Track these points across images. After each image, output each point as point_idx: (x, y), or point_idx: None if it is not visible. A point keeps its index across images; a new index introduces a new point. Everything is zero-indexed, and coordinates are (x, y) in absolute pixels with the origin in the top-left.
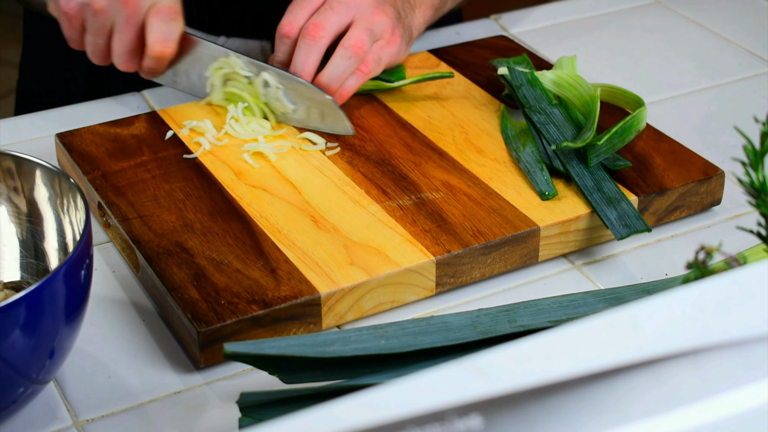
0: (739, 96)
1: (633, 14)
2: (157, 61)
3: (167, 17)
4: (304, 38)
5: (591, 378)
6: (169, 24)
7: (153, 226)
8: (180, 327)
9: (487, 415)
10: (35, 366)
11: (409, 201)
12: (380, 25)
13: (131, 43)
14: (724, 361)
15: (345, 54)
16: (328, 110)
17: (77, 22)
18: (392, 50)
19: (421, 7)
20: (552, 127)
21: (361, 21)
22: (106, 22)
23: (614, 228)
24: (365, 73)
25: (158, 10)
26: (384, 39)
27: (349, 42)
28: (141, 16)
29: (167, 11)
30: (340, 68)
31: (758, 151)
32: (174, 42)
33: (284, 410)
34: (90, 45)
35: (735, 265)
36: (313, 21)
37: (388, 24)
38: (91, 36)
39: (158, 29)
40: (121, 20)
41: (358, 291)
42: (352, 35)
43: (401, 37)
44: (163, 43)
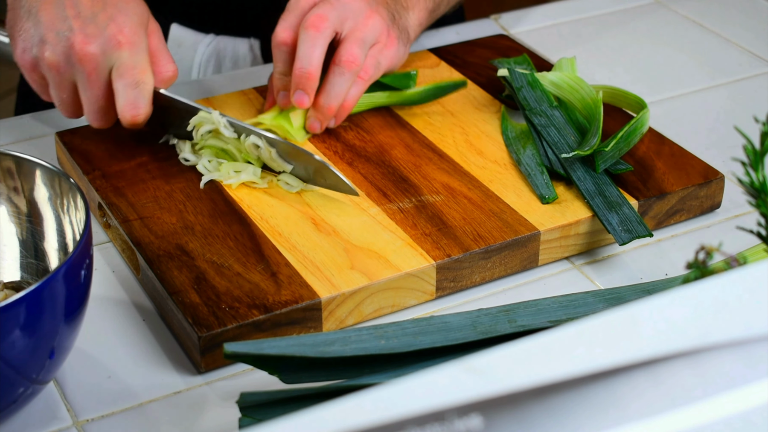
0: (740, 96)
1: (633, 14)
2: (132, 125)
3: (132, 81)
4: (307, 30)
5: (591, 378)
6: (135, 88)
7: (153, 227)
8: (180, 330)
9: (487, 415)
10: (35, 366)
11: (409, 204)
12: (374, 29)
13: (99, 100)
14: (724, 361)
15: (339, 71)
16: (326, 172)
17: (36, 76)
18: (390, 52)
19: (415, 9)
20: (553, 129)
21: (353, 31)
22: (63, 77)
23: (616, 233)
24: (365, 79)
25: (121, 73)
26: (380, 42)
27: (341, 58)
28: (104, 73)
29: (131, 74)
30: (337, 86)
31: (758, 151)
32: (144, 107)
33: (284, 410)
34: (56, 99)
35: (735, 265)
36: (313, 13)
37: (382, 26)
38: (54, 91)
39: (125, 95)
40: (82, 78)
41: (359, 295)
42: (344, 51)
43: (398, 39)
44: (133, 111)
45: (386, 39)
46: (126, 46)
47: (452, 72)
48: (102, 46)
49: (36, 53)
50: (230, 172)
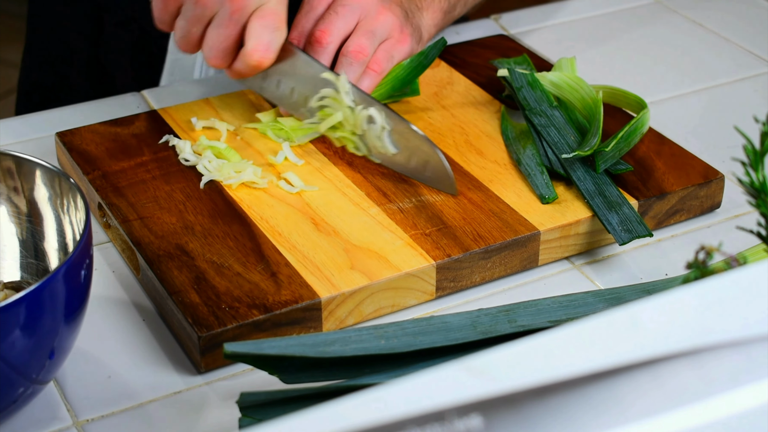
0: (739, 96)
1: (633, 14)
2: (252, 69)
3: (272, 25)
4: (311, 45)
5: (591, 378)
6: (272, 33)
7: (153, 227)
8: (180, 331)
9: (487, 415)
10: (35, 366)
11: (409, 204)
12: (386, 24)
13: (228, 40)
14: (724, 361)
15: (346, 62)
16: (435, 165)
17: (173, 5)
18: (404, 48)
19: (429, 10)
20: (553, 129)
21: (363, 24)
22: (206, 11)
23: (616, 233)
24: (378, 72)
25: (263, 15)
26: (393, 38)
27: (348, 49)
28: (245, 15)
29: (273, 18)
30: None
31: (758, 151)
32: (274, 53)
33: (284, 410)
34: (181, 30)
35: (735, 265)
36: (319, 27)
37: (395, 22)
38: (184, 22)
39: (260, 36)
40: (223, 14)
41: (359, 295)
42: (352, 42)
43: (411, 36)
44: (264, 53)
45: (399, 35)
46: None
47: (452, 72)
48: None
49: None
50: (230, 172)
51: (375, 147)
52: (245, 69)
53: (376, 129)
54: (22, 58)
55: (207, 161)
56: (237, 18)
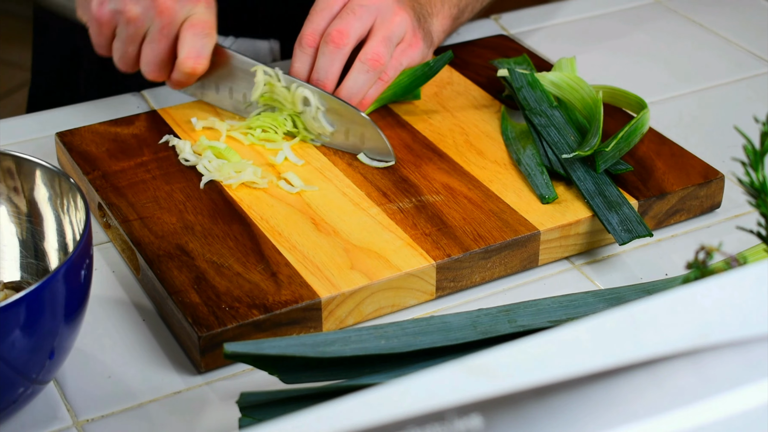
0: (740, 96)
1: (633, 14)
2: (188, 76)
3: (201, 32)
4: (327, 45)
5: (591, 378)
6: (203, 39)
7: (153, 227)
8: (180, 330)
9: (487, 415)
10: (35, 366)
11: (409, 204)
12: (401, 27)
13: (162, 53)
14: (724, 361)
15: (363, 68)
16: (371, 135)
17: (108, 29)
18: (414, 53)
19: (439, 16)
20: (553, 129)
21: (380, 29)
22: (138, 30)
23: (616, 233)
24: (385, 81)
25: (192, 24)
26: (405, 41)
27: (366, 56)
28: (175, 28)
29: (202, 26)
30: (359, 82)
31: (758, 151)
32: (206, 59)
33: (284, 410)
34: (118, 52)
35: (735, 265)
36: (336, 27)
37: (409, 25)
38: (120, 43)
39: (191, 44)
40: (154, 30)
41: (359, 295)
42: (370, 48)
43: (423, 40)
44: (196, 60)
45: (411, 38)
46: (203, 3)
47: (452, 72)
48: (181, 1)
49: (116, 6)
50: (230, 172)
51: (313, 128)
52: (182, 77)
53: (311, 110)
54: (32, 62)
55: (207, 161)
56: (167, 32)
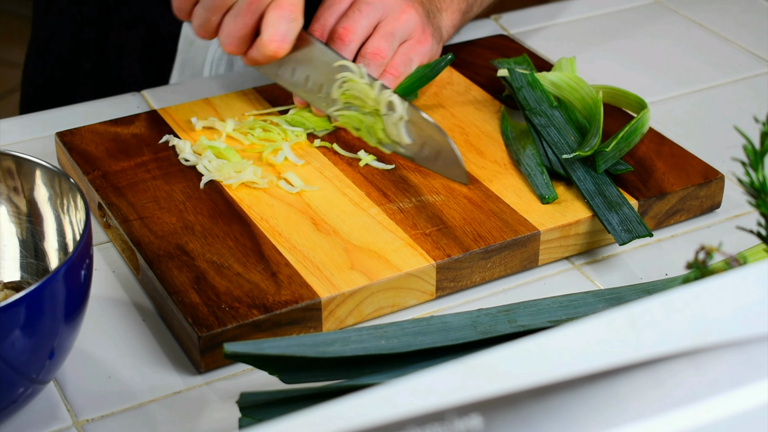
0: (740, 96)
1: (633, 14)
2: (267, 58)
3: (288, 15)
4: (334, 42)
5: (591, 378)
6: (289, 23)
7: (153, 227)
8: (180, 331)
9: (487, 415)
10: (35, 366)
11: (409, 204)
12: (408, 24)
13: (245, 28)
14: (724, 361)
15: (363, 63)
16: (446, 154)
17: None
18: (423, 49)
19: (448, 11)
20: (553, 129)
21: (384, 25)
22: (225, 1)
23: (616, 233)
24: (396, 75)
25: (280, 5)
26: (414, 38)
27: (366, 50)
28: (263, 5)
29: (289, 9)
30: None
31: (758, 151)
32: (290, 43)
33: (284, 410)
34: (200, 18)
35: (735, 265)
36: (342, 24)
37: (417, 22)
38: (203, 10)
39: (277, 26)
40: (242, 3)
41: (359, 295)
42: (370, 43)
43: (432, 36)
44: (279, 43)
45: (420, 35)
46: None
47: (452, 72)
48: None
49: None
50: (230, 172)
51: (390, 134)
52: (261, 58)
53: (394, 117)
54: (26, 59)
55: (207, 161)
56: (255, 8)
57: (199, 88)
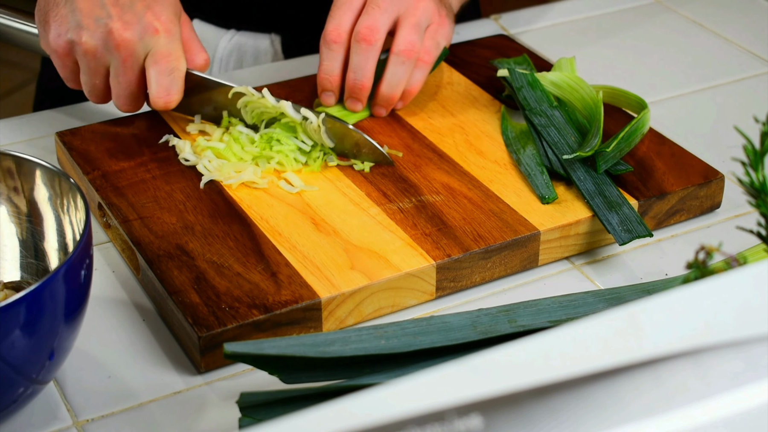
0: (740, 96)
1: (633, 14)
2: (163, 110)
3: (167, 68)
4: (359, 43)
5: (591, 378)
6: (170, 75)
7: (153, 227)
8: (180, 331)
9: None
10: (35, 366)
11: (409, 204)
12: (427, 11)
13: (130, 86)
14: (724, 361)
15: (398, 61)
16: (366, 146)
17: (69, 61)
18: (445, 31)
19: None
20: (553, 129)
21: (407, 17)
22: (99, 63)
23: (616, 233)
24: (429, 62)
25: (156, 60)
26: (435, 23)
27: (399, 48)
28: (138, 60)
29: (166, 61)
30: (398, 76)
31: (758, 151)
32: (178, 93)
33: (284, 410)
34: (86, 85)
35: (735, 265)
36: (364, 24)
37: (433, 7)
38: (86, 77)
39: (159, 82)
40: (117, 64)
41: (359, 295)
42: (401, 40)
43: (447, 16)
44: (167, 98)
45: (439, 18)
46: (163, 33)
47: (452, 72)
48: (139, 33)
49: (72, 38)
50: (230, 172)
51: (314, 139)
52: (158, 110)
53: (313, 126)
54: (42, 60)
55: (207, 161)
56: (130, 65)
57: None
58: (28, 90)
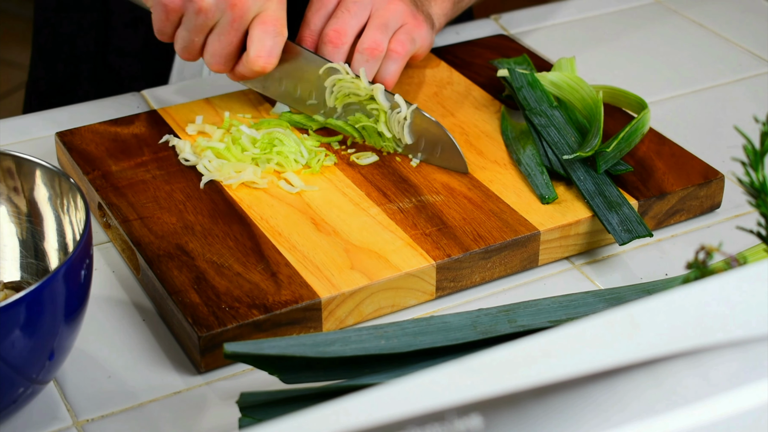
0: (740, 96)
1: (633, 14)
2: (256, 73)
3: (273, 30)
4: (326, 45)
5: (591, 378)
6: (274, 38)
7: (153, 227)
8: (181, 331)
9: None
10: (35, 366)
11: (409, 204)
12: (398, 14)
13: (230, 46)
14: (724, 361)
15: (362, 59)
16: (445, 146)
17: (175, 16)
18: (421, 32)
19: (437, 0)
20: (553, 129)
21: (375, 18)
22: (208, 21)
23: (616, 233)
24: (402, 54)
25: (264, 21)
26: (409, 23)
27: (363, 46)
28: (246, 22)
29: (273, 23)
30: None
31: (758, 151)
32: (277, 57)
33: (284, 410)
34: (183, 41)
35: (735, 265)
36: (333, 27)
37: (406, 10)
38: (186, 32)
39: (263, 42)
40: (225, 22)
41: (359, 295)
42: (366, 38)
43: (425, 21)
44: (267, 58)
45: (414, 20)
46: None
47: (452, 72)
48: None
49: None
50: (230, 172)
51: (393, 132)
52: (249, 73)
53: (399, 116)
54: (30, 62)
55: (207, 161)
56: (238, 25)
57: (199, 88)
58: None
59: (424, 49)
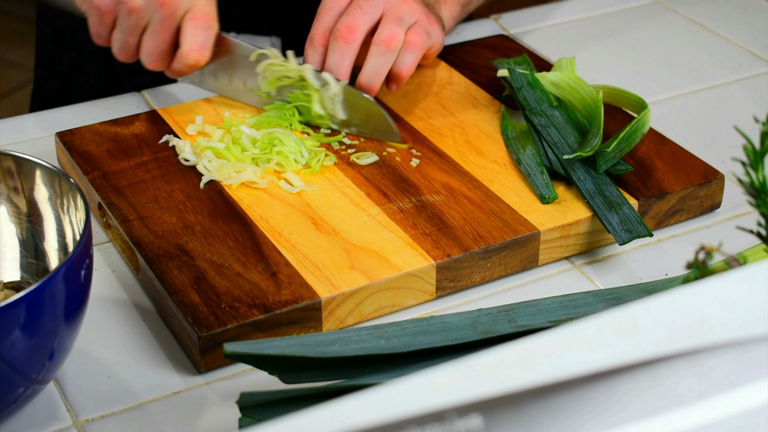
0: (740, 96)
1: (633, 14)
2: (190, 67)
3: (204, 25)
4: (337, 41)
5: (591, 378)
6: (205, 32)
7: (153, 227)
8: (180, 330)
9: (487, 415)
10: (35, 366)
11: (409, 204)
12: (411, 11)
13: (164, 44)
14: (724, 361)
15: (379, 51)
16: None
17: (109, 19)
18: (435, 30)
19: (447, 3)
20: (553, 129)
21: (389, 14)
22: (140, 21)
23: (616, 233)
24: (419, 46)
25: (195, 16)
26: (423, 21)
27: (380, 38)
28: (177, 19)
29: (204, 18)
30: (377, 66)
31: (758, 151)
32: (209, 50)
33: (284, 410)
34: (118, 42)
35: (735, 265)
36: (344, 23)
37: (419, 9)
38: (121, 33)
39: (194, 37)
40: (156, 21)
41: (359, 295)
42: (383, 30)
43: (437, 22)
44: (199, 52)
45: (427, 19)
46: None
47: (452, 72)
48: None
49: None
50: (230, 172)
51: (326, 108)
52: (184, 68)
53: (330, 93)
54: (35, 64)
55: (207, 161)
56: (169, 23)
57: (199, 88)
58: (28, 90)
59: (436, 48)
